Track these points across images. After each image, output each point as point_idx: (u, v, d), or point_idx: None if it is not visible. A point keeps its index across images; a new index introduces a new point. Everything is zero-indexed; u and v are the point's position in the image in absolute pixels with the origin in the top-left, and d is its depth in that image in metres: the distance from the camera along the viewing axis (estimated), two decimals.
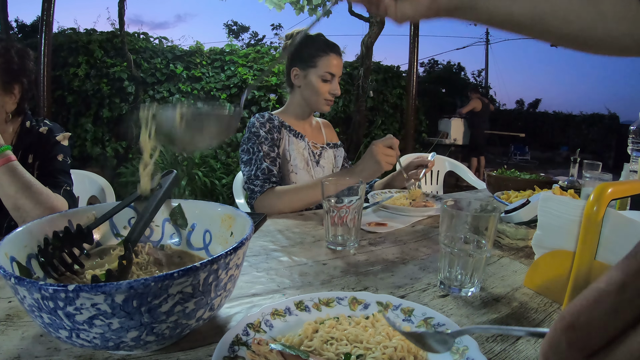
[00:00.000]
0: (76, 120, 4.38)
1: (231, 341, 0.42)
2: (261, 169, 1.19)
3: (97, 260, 0.55)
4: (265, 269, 0.70)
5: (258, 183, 1.18)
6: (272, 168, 1.21)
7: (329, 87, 1.29)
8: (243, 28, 24.04)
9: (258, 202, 1.16)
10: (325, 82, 1.28)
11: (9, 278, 0.36)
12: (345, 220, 0.80)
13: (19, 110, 1.05)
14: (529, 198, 0.87)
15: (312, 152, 1.35)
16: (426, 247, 0.84)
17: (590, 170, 1.35)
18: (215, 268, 0.41)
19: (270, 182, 1.18)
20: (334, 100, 1.34)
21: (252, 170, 1.20)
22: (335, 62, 1.29)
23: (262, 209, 1.16)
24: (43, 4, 3.18)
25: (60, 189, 1.00)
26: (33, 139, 1.07)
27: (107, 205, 0.60)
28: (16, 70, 0.99)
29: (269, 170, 1.20)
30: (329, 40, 1.33)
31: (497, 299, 0.60)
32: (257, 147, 1.22)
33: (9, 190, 0.86)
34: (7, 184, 0.85)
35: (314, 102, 1.31)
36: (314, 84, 1.28)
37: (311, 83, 1.29)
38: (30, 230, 0.50)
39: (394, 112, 6.01)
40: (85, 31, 4.73)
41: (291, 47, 1.29)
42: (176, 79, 4.62)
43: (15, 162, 0.87)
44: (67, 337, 0.38)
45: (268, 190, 1.16)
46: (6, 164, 0.85)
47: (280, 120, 1.31)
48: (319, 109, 1.33)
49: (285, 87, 1.39)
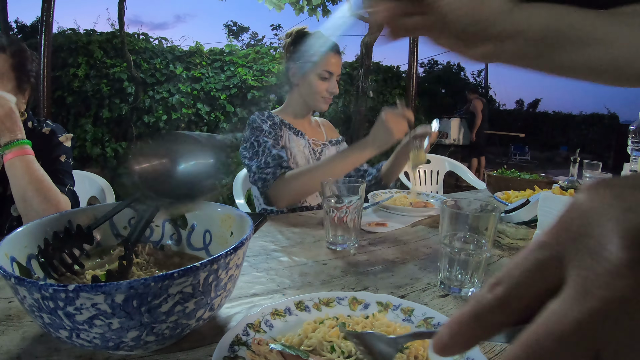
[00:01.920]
0: (76, 121, 4.38)
1: (231, 341, 0.42)
2: (272, 155, 1.16)
3: (98, 260, 0.55)
4: (265, 269, 0.70)
5: (270, 171, 1.14)
6: (282, 154, 1.17)
7: (327, 86, 1.28)
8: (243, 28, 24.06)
9: (273, 189, 1.12)
10: (323, 80, 1.27)
11: (9, 278, 0.36)
12: (345, 220, 0.80)
13: (24, 111, 1.06)
14: (529, 198, 0.87)
15: (312, 149, 1.35)
16: (426, 247, 0.84)
17: (590, 170, 1.36)
18: (215, 268, 0.41)
19: (282, 167, 1.15)
20: (332, 98, 1.33)
21: (262, 160, 1.16)
22: (333, 60, 1.28)
23: (277, 196, 1.12)
24: (43, 4, 3.18)
25: (65, 188, 1.02)
26: (36, 140, 1.07)
27: (107, 206, 0.60)
28: (29, 71, 1.01)
29: (279, 157, 1.16)
30: (328, 38, 1.32)
31: None
32: (262, 140, 1.21)
33: (21, 181, 0.87)
34: (20, 175, 0.87)
35: (311, 100, 1.31)
36: (311, 81, 1.28)
37: (309, 81, 1.28)
38: (30, 231, 0.50)
39: None
40: (85, 32, 4.73)
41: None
42: (176, 80, 4.62)
43: (32, 156, 0.89)
44: (67, 337, 0.38)
45: (281, 176, 1.13)
46: (23, 155, 0.88)
47: (280, 118, 1.31)
48: (317, 108, 1.33)
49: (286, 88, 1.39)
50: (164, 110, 4.50)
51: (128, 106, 4.41)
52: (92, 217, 0.59)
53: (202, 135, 0.50)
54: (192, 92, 4.60)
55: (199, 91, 4.64)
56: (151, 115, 4.48)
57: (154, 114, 4.48)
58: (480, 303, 0.18)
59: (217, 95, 4.66)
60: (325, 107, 1.32)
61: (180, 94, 4.56)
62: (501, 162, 9.26)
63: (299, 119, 1.37)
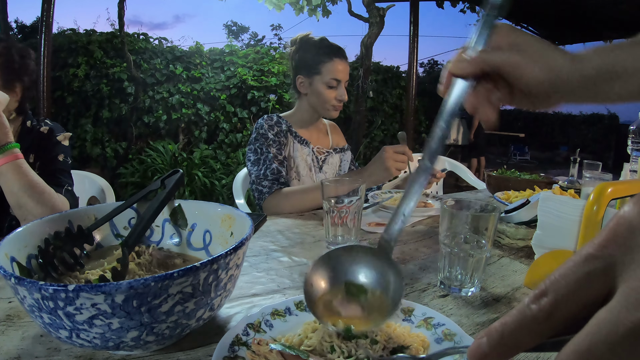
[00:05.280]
0: (76, 121, 4.38)
1: (231, 341, 0.42)
2: (270, 169, 1.19)
3: (99, 260, 0.55)
4: (265, 269, 0.70)
5: (266, 184, 1.18)
6: (280, 169, 1.20)
7: (335, 94, 1.28)
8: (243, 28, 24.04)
9: (266, 202, 1.16)
10: (331, 89, 1.27)
11: (9, 278, 0.36)
12: (345, 221, 0.80)
13: (21, 110, 1.06)
14: (529, 198, 0.87)
15: (315, 157, 1.35)
16: (426, 247, 0.84)
17: (590, 170, 1.35)
18: (215, 268, 0.41)
19: (278, 183, 1.18)
20: (342, 105, 1.32)
21: (261, 171, 1.20)
22: (340, 67, 1.27)
23: (270, 210, 1.16)
24: (43, 4, 3.18)
25: (62, 188, 1.01)
26: (34, 139, 1.07)
27: (107, 206, 0.60)
28: (17, 69, 1.00)
29: (278, 171, 1.20)
30: (333, 44, 1.31)
31: (497, 299, 0.60)
32: (265, 149, 1.22)
33: (13, 188, 0.86)
34: (11, 181, 0.86)
35: (321, 109, 1.31)
36: (319, 91, 1.27)
37: (317, 90, 1.28)
38: (30, 231, 0.50)
39: (393, 112, 6.01)
40: (85, 32, 4.72)
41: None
42: (176, 80, 4.62)
43: (21, 160, 0.88)
44: (67, 337, 0.38)
45: (276, 192, 1.16)
46: (13, 161, 0.86)
47: (288, 124, 1.30)
48: (326, 115, 1.33)
49: (288, 89, 1.39)
50: (164, 110, 4.50)
51: (128, 106, 4.40)
52: (93, 218, 0.59)
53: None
54: (192, 92, 4.60)
55: (199, 91, 4.64)
56: (151, 115, 4.48)
57: (154, 114, 4.47)
58: (525, 314, 0.18)
59: (217, 95, 4.66)
60: (335, 115, 1.32)
61: (180, 94, 4.55)
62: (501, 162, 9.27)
63: (307, 126, 1.37)
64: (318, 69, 1.27)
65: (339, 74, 1.27)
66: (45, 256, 0.49)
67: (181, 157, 4.26)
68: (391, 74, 6.08)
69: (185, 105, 4.56)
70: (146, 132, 4.58)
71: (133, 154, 4.43)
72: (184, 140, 4.68)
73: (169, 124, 4.54)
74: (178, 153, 4.34)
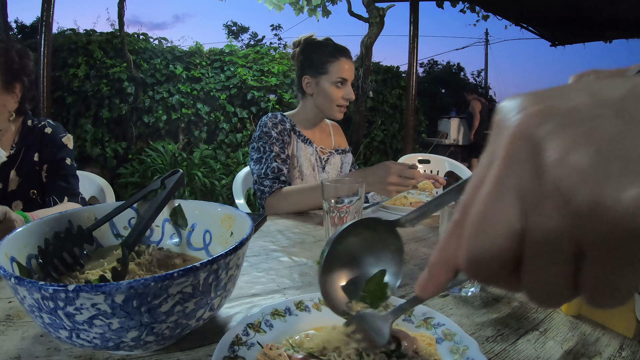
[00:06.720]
0: (76, 121, 4.38)
1: (231, 341, 0.42)
2: (271, 167, 1.19)
3: (99, 260, 0.55)
4: (265, 269, 0.70)
5: (267, 183, 1.18)
6: (282, 167, 1.20)
7: (342, 93, 1.28)
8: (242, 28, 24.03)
9: (268, 201, 1.17)
10: (337, 88, 1.28)
11: (9, 278, 0.36)
12: (345, 221, 0.80)
13: (21, 110, 1.06)
14: None
15: (319, 157, 1.35)
16: (426, 247, 0.84)
17: None
18: (215, 268, 0.41)
19: (279, 182, 1.18)
20: (347, 106, 1.32)
21: (262, 169, 1.20)
22: (346, 66, 1.28)
23: (270, 209, 1.16)
24: (43, 4, 3.18)
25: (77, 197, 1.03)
26: (36, 138, 1.08)
27: (107, 206, 0.60)
28: (17, 70, 1.00)
29: (279, 170, 1.19)
30: (339, 44, 1.31)
31: (497, 299, 0.60)
32: (268, 147, 1.22)
33: None
34: None
35: (327, 109, 1.31)
36: (326, 90, 1.27)
37: (323, 90, 1.28)
38: (30, 231, 0.50)
39: (393, 112, 6.01)
40: (85, 32, 4.72)
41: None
42: (176, 80, 4.62)
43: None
44: (67, 337, 0.38)
45: (276, 191, 1.16)
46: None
47: (292, 123, 1.30)
48: (332, 117, 1.33)
49: (288, 89, 1.39)
50: (163, 111, 4.50)
51: (128, 106, 4.40)
52: (93, 218, 0.59)
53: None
54: (192, 92, 4.59)
55: (199, 91, 4.64)
56: (151, 115, 4.48)
57: (154, 114, 4.47)
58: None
59: (217, 96, 4.66)
60: (339, 116, 1.32)
61: (180, 94, 4.55)
62: None
63: (311, 126, 1.37)
64: (325, 68, 1.27)
65: (345, 73, 1.27)
66: (45, 256, 0.49)
67: (181, 157, 4.26)
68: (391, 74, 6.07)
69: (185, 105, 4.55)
70: (146, 132, 4.58)
71: (133, 154, 4.43)
72: (183, 140, 4.68)
73: (168, 124, 4.54)
74: (178, 153, 4.34)
